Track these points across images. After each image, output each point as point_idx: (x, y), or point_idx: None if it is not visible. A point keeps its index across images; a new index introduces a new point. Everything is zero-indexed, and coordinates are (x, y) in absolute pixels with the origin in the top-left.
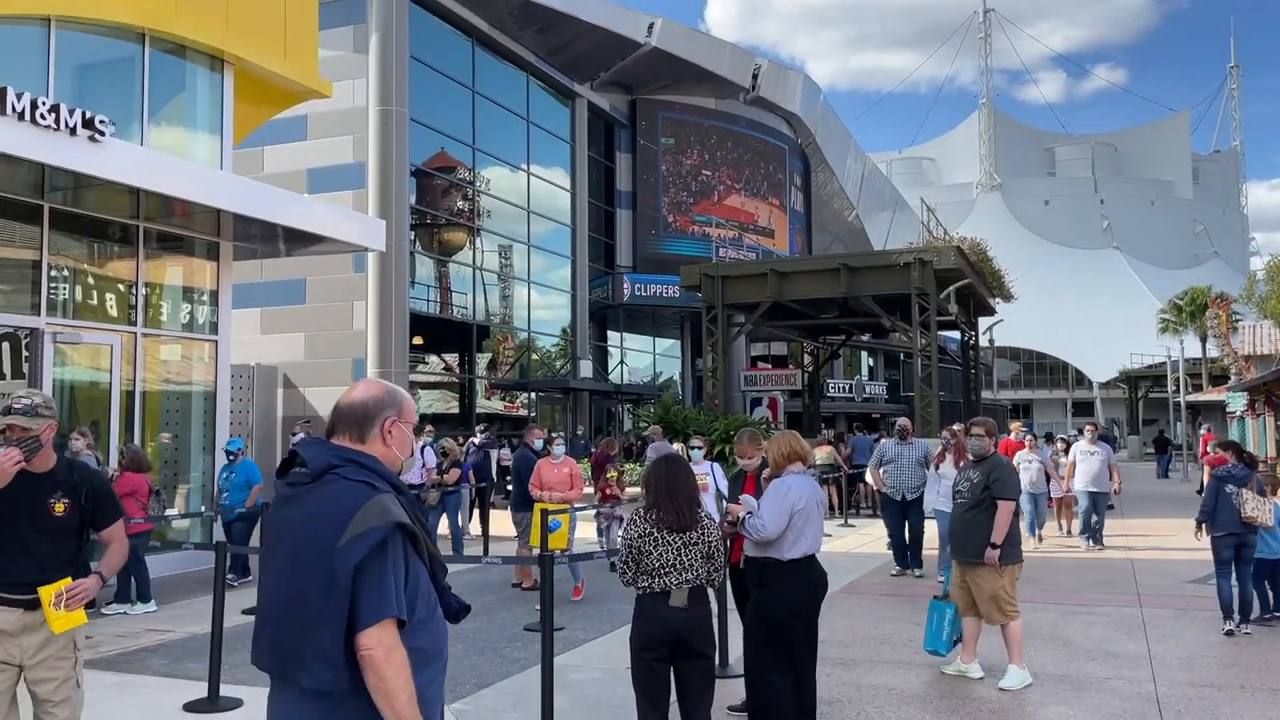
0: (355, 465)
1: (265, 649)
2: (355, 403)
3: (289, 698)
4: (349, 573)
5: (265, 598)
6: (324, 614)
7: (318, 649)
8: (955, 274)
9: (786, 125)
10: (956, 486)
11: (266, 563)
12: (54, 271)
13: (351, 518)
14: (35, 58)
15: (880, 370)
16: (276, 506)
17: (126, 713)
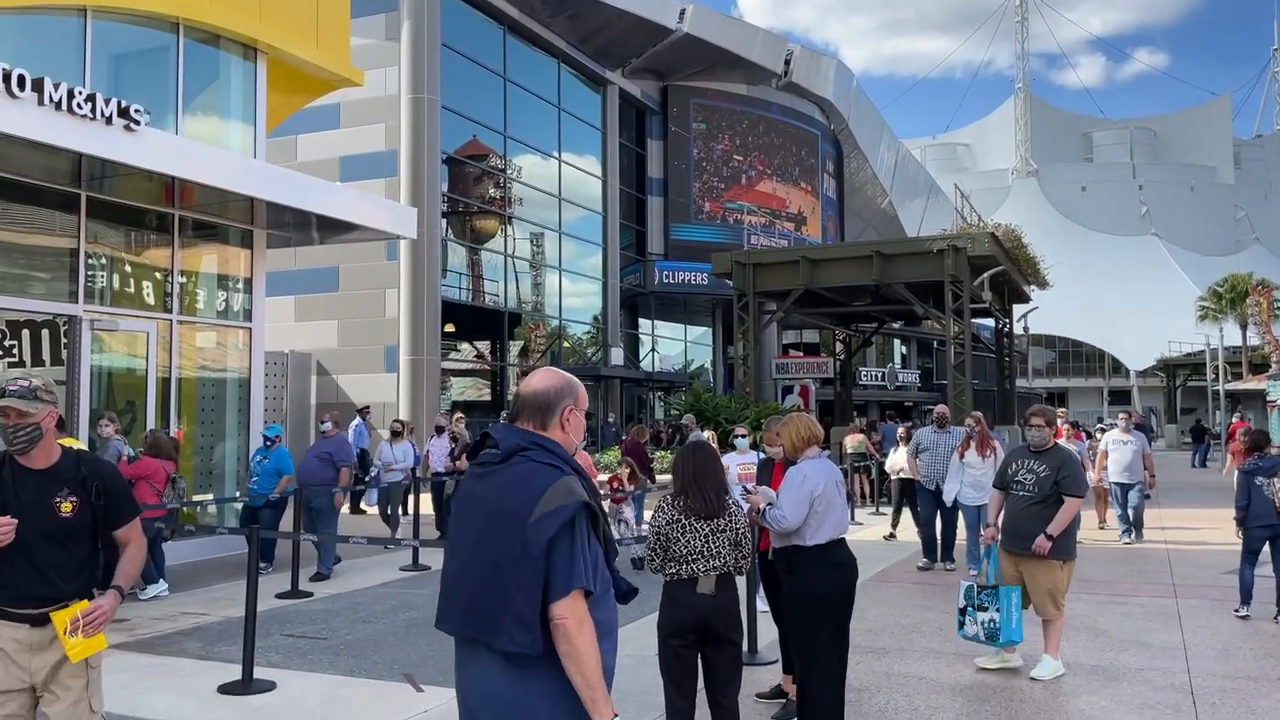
0: (541, 449)
1: (457, 614)
2: (537, 392)
3: (479, 660)
4: (542, 546)
5: (456, 566)
6: (519, 582)
7: (515, 614)
8: (989, 261)
9: (819, 111)
10: (1016, 477)
11: (455, 534)
12: (91, 259)
13: (540, 496)
14: (72, 48)
15: (913, 358)
16: (467, 483)
17: (163, 694)
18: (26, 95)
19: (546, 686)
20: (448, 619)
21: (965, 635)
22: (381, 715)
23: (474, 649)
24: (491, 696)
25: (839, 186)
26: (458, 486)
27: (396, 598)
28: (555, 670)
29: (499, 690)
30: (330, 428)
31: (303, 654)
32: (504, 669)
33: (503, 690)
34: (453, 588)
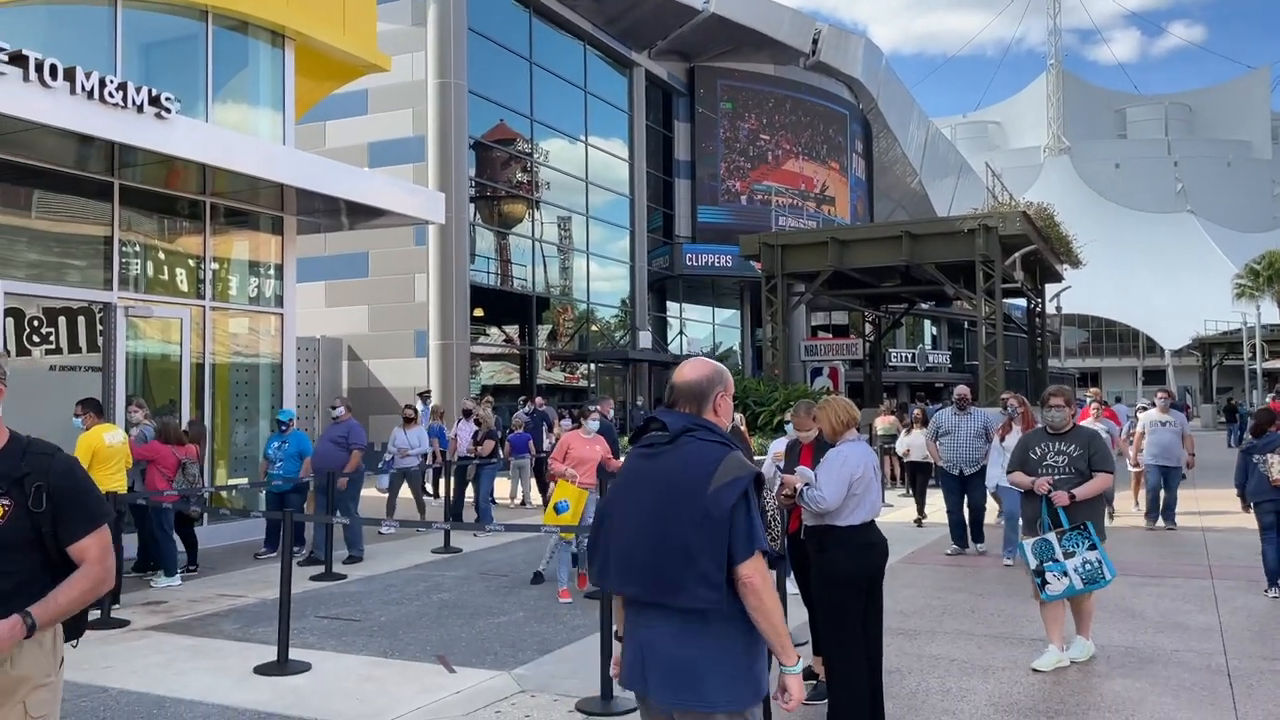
0: (705, 429)
1: (635, 577)
2: (693, 381)
3: (656, 620)
4: (724, 513)
5: (631, 535)
6: (702, 547)
7: (700, 575)
8: (1021, 240)
9: (847, 90)
10: (1045, 460)
11: (624, 507)
12: (125, 247)
13: (715, 470)
14: (103, 37)
15: (944, 339)
16: (634, 461)
17: (200, 675)
18: (59, 84)
19: (719, 640)
20: (625, 582)
21: (1052, 596)
22: (414, 696)
23: (648, 610)
24: (670, 652)
25: (868, 166)
26: (478, 471)
27: (429, 580)
28: (726, 626)
29: (677, 645)
30: (342, 412)
31: (337, 635)
32: (681, 626)
33: (680, 646)
34: (629, 555)
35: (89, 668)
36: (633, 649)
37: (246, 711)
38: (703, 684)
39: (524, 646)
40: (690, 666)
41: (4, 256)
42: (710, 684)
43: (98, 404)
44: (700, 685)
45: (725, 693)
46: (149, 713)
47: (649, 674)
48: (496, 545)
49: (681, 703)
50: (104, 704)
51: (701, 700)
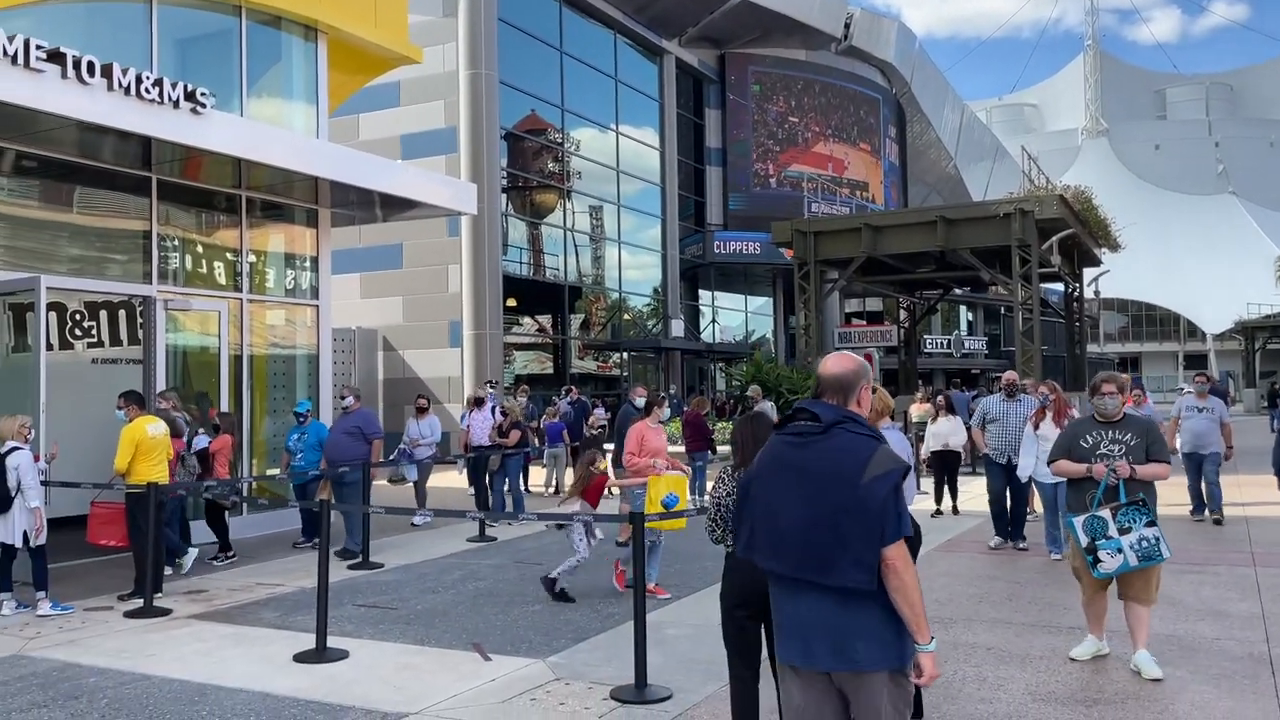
0: (854, 422)
1: (786, 556)
2: (838, 374)
3: (809, 595)
4: (879, 502)
5: (784, 519)
6: (856, 531)
7: (853, 557)
8: (1058, 224)
9: (880, 75)
10: (1099, 450)
11: (772, 489)
12: (163, 241)
13: (869, 461)
14: (139, 34)
15: (979, 324)
16: (782, 449)
17: (240, 662)
18: (96, 81)
19: (870, 615)
20: (777, 560)
21: (1105, 574)
22: (450, 683)
23: (799, 587)
24: (823, 625)
25: (901, 151)
26: (504, 461)
27: (464, 568)
28: (874, 603)
29: (831, 619)
30: (352, 402)
31: (374, 623)
32: (834, 602)
33: (835, 619)
34: (781, 534)
35: (132, 655)
36: (788, 622)
37: (286, 699)
38: (857, 650)
39: (558, 635)
40: (844, 635)
41: (46, 251)
42: (864, 650)
43: (140, 396)
44: (855, 651)
45: (877, 656)
46: (191, 700)
47: (808, 644)
48: (531, 534)
49: (839, 666)
50: (146, 691)
51: (857, 663)
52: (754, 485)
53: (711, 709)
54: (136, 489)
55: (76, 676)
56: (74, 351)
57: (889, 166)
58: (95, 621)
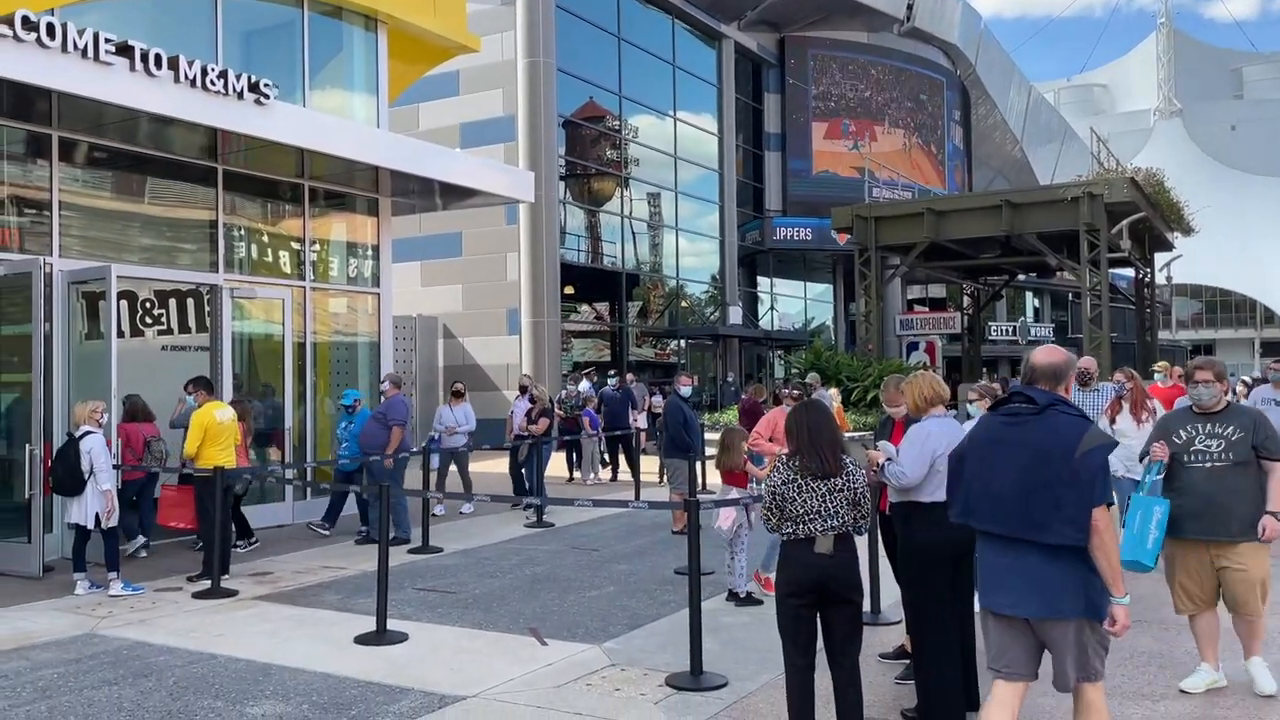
0: (1066, 404)
1: (1003, 518)
2: (1051, 364)
3: (1020, 551)
4: (1090, 473)
5: (1000, 486)
6: (1069, 497)
7: (1066, 518)
8: (1128, 207)
9: (944, 57)
10: (1194, 445)
11: (987, 462)
12: (229, 230)
13: (1081, 437)
14: (204, 26)
15: (1046, 311)
16: (999, 426)
17: (303, 643)
18: (163, 74)
19: (1073, 570)
20: (995, 522)
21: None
22: (507, 667)
23: (1011, 546)
24: (1033, 575)
25: (966, 134)
26: (531, 450)
27: (522, 554)
28: (1074, 556)
29: (1040, 572)
30: (388, 388)
31: (433, 607)
32: (1043, 558)
33: (1043, 572)
34: (999, 500)
35: (200, 635)
36: (996, 575)
37: (347, 679)
38: (1060, 599)
39: (614, 620)
40: (1049, 586)
41: (117, 241)
42: (1065, 599)
43: (209, 382)
44: (1058, 600)
45: (1077, 605)
46: (255, 679)
47: (1016, 594)
48: (588, 520)
49: (1042, 613)
50: (213, 670)
51: (1061, 612)
52: (968, 458)
53: (767, 697)
54: (205, 473)
55: (146, 655)
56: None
57: (952, 149)
58: (165, 602)
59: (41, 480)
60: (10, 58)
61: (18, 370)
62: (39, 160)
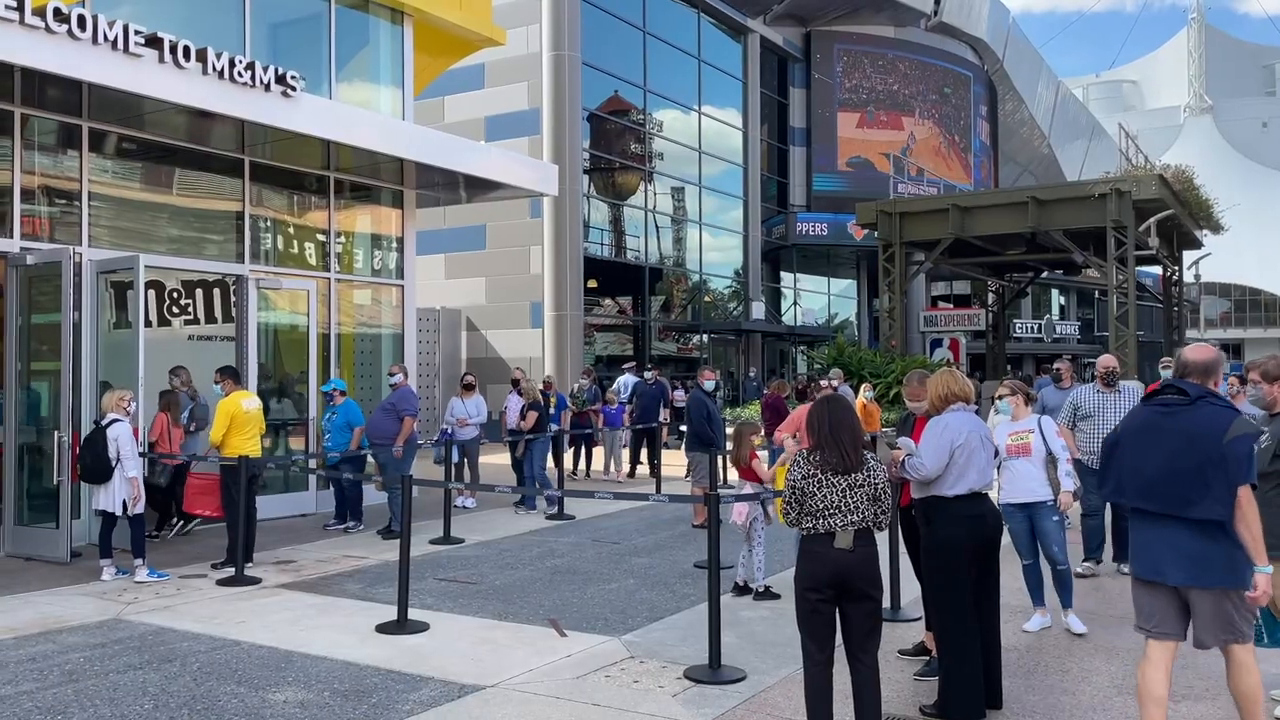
0: (1216, 397)
1: (1155, 496)
2: (1203, 360)
3: (1171, 527)
4: (1238, 457)
5: (1153, 468)
6: (1218, 477)
7: (1215, 496)
8: (1157, 205)
9: (971, 52)
10: None
11: (1141, 447)
12: (255, 221)
13: (1229, 425)
14: (233, 18)
15: (1072, 309)
16: (1152, 414)
17: (325, 631)
18: (192, 65)
19: (1219, 543)
20: (1147, 500)
21: None
22: (527, 658)
23: (1161, 522)
24: (1184, 548)
25: (992, 130)
26: (526, 447)
27: (542, 545)
28: (1223, 534)
29: (1188, 545)
30: (400, 379)
31: (454, 597)
32: (1191, 532)
33: (1192, 545)
34: (1151, 481)
35: (223, 622)
36: (1147, 548)
37: (368, 668)
38: (1208, 570)
39: (634, 613)
40: (1198, 557)
41: (145, 231)
42: (1210, 569)
43: (235, 372)
44: (1207, 571)
45: (1224, 575)
46: (277, 666)
47: (1166, 565)
48: (609, 513)
49: (1195, 582)
50: (236, 656)
51: (1203, 580)
52: (1120, 444)
53: (785, 691)
54: (230, 461)
55: (170, 641)
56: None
57: (979, 145)
58: (189, 588)
59: (69, 467)
60: (42, 49)
61: (47, 359)
62: (69, 151)
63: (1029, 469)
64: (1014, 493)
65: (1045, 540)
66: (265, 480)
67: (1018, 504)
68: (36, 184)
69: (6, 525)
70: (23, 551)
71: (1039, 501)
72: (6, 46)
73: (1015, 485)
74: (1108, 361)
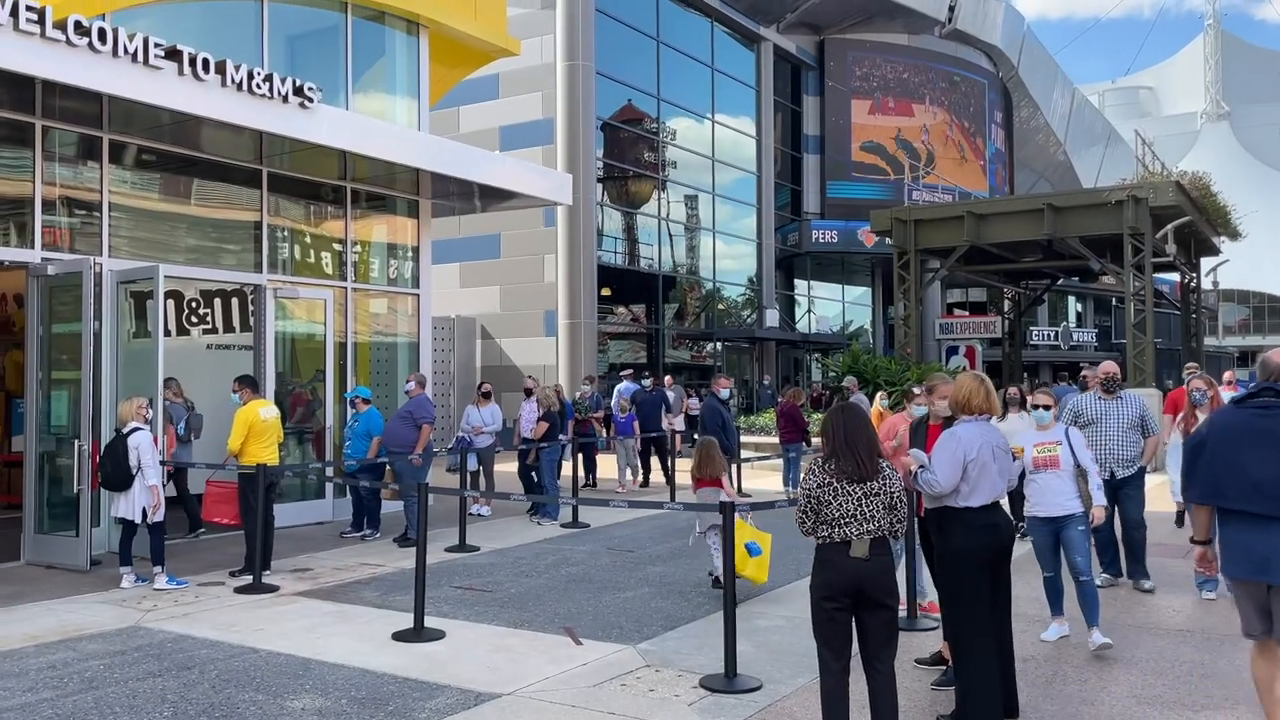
0: None
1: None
2: None
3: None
4: None
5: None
6: None
7: None
8: (1174, 211)
9: (986, 59)
10: None
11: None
12: (273, 231)
13: None
14: (250, 31)
15: (1089, 316)
16: (1250, 418)
17: (341, 639)
18: (210, 77)
19: None
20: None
21: None
22: (543, 666)
23: (1263, 523)
24: None
25: (1007, 137)
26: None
27: (558, 554)
28: None
29: None
30: (413, 387)
31: (470, 605)
32: None
33: None
34: (1256, 483)
35: (241, 629)
36: (1244, 549)
37: (385, 675)
38: None
39: (649, 622)
40: None
41: (165, 242)
42: None
43: (254, 380)
44: None
45: None
46: (295, 674)
47: (1268, 564)
48: (624, 521)
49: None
50: (254, 664)
51: None
52: (1208, 447)
53: (801, 701)
54: (248, 469)
55: (189, 648)
56: (190, 337)
57: (994, 152)
58: (208, 596)
59: (89, 475)
60: (64, 62)
61: (68, 368)
62: (90, 162)
63: (1057, 483)
64: (1042, 506)
65: (1070, 550)
66: (282, 488)
67: (1045, 518)
68: (57, 195)
69: (27, 533)
70: (43, 559)
71: (1068, 515)
72: (28, 59)
73: (1043, 499)
74: (1108, 368)
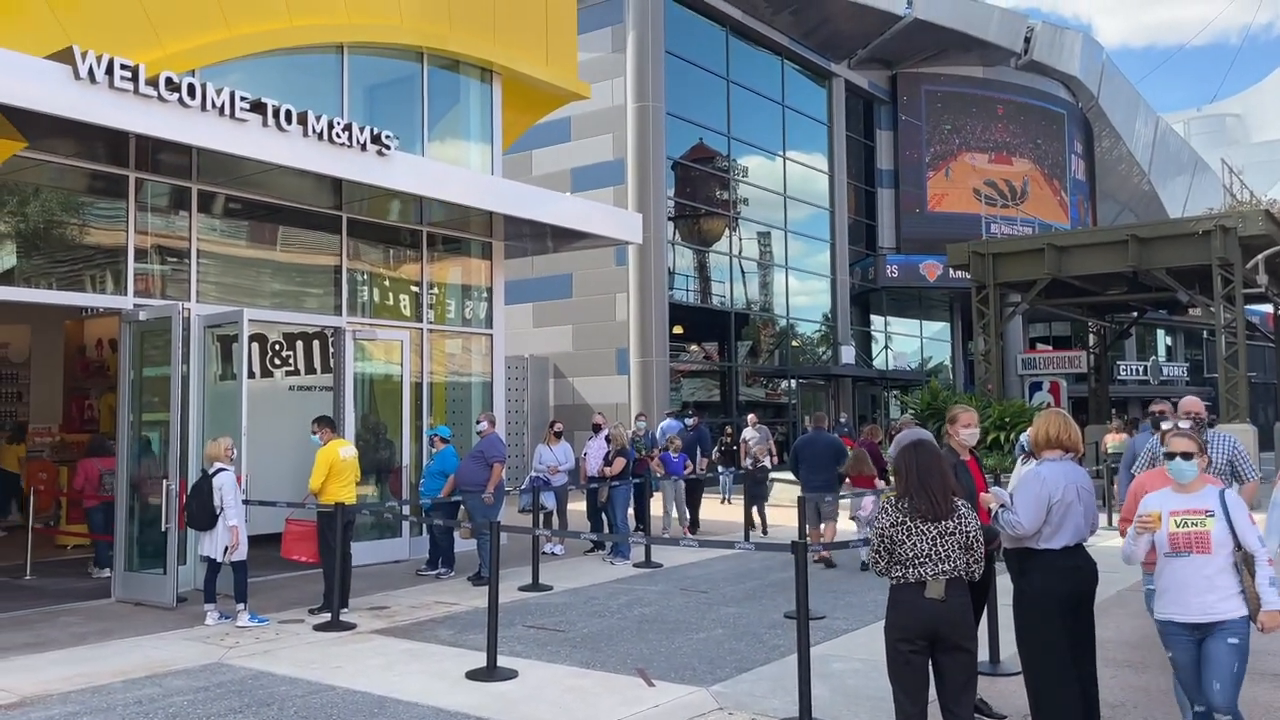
0: None
1: None
2: None
3: None
4: None
5: None
6: None
7: None
8: (1264, 241)
9: (1064, 89)
10: None
11: None
12: (352, 275)
13: None
14: (331, 82)
15: (1179, 350)
16: None
17: (416, 677)
18: (292, 128)
19: None
20: None
21: None
22: (614, 707)
23: None
24: None
25: (1089, 168)
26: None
27: (630, 594)
28: None
29: None
30: (485, 427)
31: (542, 644)
32: None
33: None
34: None
35: (320, 667)
36: None
37: (458, 714)
38: None
39: (722, 664)
40: None
41: (249, 287)
42: None
43: (332, 421)
44: None
45: None
46: (370, 712)
47: None
48: (697, 561)
49: None
50: (331, 701)
51: None
52: None
53: None
54: (327, 508)
55: (269, 685)
56: (273, 379)
57: (1075, 184)
58: (287, 633)
59: (176, 514)
60: (154, 117)
61: (157, 410)
62: (180, 211)
63: (1206, 572)
64: (1180, 607)
65: (1210, 670)
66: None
67: (1186, 624)
68: (149, 244)
69: (118, 571)
70: (132, 596)
71: (1217, 622)
72: (122, 115)
73: (1183, 595)
74: (1191, 405)
